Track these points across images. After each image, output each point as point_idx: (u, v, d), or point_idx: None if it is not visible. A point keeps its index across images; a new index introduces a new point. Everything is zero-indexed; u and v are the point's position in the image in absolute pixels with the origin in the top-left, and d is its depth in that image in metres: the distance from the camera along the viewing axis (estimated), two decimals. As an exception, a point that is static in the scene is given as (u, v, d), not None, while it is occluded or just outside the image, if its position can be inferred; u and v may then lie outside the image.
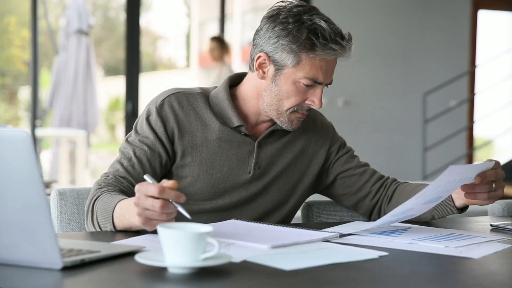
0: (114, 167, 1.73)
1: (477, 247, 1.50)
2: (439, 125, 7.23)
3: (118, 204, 1.55)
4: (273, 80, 1.75)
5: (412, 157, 7.15)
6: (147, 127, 1.76)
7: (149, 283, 1.17)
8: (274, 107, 1.77)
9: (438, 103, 7.29)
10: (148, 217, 1.38)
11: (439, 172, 6.88)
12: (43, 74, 7.41)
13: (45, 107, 7.52)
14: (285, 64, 1.71)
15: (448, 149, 7.26)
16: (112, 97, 14.62)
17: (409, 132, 7.30)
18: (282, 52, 1.71)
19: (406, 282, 1.22)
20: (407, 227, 1.73)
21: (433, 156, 7.11)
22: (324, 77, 1.72)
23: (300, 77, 1.71)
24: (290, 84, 1.73)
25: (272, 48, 1.72)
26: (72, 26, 7.15)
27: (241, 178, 1.79)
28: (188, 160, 1.76)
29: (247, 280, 1.20)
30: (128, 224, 1.52)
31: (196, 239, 1.20)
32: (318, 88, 1.73)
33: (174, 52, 17.75)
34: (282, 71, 1.73)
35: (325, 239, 1.53)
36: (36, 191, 1.14)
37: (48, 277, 1.15)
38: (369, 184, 1.89)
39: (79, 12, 7.24)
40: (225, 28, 7.31)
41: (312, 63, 1.70)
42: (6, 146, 1.13)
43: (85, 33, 7.23)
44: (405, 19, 7.32)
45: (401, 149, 7.17)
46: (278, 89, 1.75)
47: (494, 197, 1.69)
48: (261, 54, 1.75)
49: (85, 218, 1.65)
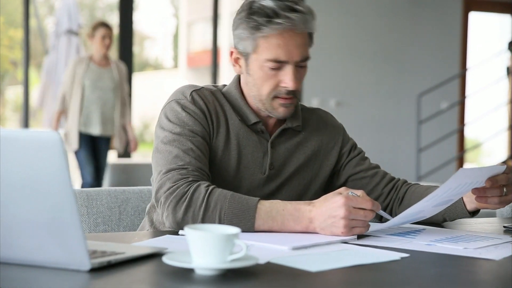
0: (183, 160, 1.65)
1: (495, 249, 1.50)
2: (433, 126, 7.27)
3: (260, 206, 1.57)
4: (247, 71, 1.77)
5: (406, 158, 7.19)
6: (189, 118, 1.72)
7: (176, 284, 1.16)
8: (257, 97, 1.77)
9: (433, 105, 7.34)
10: (353, 226, 1.55)
11: (433, 174, 6.93)
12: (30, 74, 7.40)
13: (35, 107, 7.48)
14: (248, 51, 1.73)
15: (441, 150, 7.30)
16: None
17: (403, 133, 7.34)
18: (241, 40, 1.73)
19: (434, 283, 1.23)
20: (421, 229, 1.73)
21: (427, 157, 7.15)
22: (286, 54, 1.70)
23: (263, 61, 1.72)
24: (258, 70, 1.74)
25: (236, 40, 1.75)
26: (62, 26, 7.11)
27: (256, 178, 1.78)
28: (219, 155, 1.75)
29: (275, 281, 1.19)
30: (279, 228, 1.58)
31: (224, 240, 1.19)
32: (286, 67, 1.72)
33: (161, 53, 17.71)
34: (248, 60, 1.75)
35: (344, 241, 1.53)
36: (65, 193, 1.13)
37: (76, 279, 1.15)
38: (380, 186, 1.89)
39: (69, 12, 7.20)
40: (217, 29, 7.27)
41: (268, 43, 1.70)
42: (37, 148, 1.12)
43: (75, 33, 7.19)
44: (398, 21, 7.36)
45: (395, 150, 7.20)
46: (252, 79, 1.76)
47: (505, 202, 1.70)
48: (232, 50, 1.77)
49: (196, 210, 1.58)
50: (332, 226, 1.55)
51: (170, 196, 1.59)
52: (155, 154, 1.71)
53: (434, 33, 7.52)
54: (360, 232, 1.57)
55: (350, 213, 1.53)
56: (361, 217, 1.54)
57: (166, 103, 1.77)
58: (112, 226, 1.97)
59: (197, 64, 15.61)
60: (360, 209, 1.54)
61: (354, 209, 1.54)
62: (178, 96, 1.76)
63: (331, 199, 1.56)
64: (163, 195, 1.61)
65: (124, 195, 2.02)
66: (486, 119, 7.76)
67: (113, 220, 1.98)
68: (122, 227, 1.98)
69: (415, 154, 7.07)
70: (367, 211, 1.55)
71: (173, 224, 1.60)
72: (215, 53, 7.24)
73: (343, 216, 1.53)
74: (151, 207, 1.82)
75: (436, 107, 7.39)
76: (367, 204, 1.55)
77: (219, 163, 1.75)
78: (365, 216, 1.55)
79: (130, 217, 2.00)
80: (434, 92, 7.24)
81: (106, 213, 1.98)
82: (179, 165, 1.64)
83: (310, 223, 1.57)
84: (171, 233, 1.59)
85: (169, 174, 1.63)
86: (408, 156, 7.21)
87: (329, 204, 1.55)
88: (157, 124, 1.76)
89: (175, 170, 1.63)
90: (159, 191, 1.63)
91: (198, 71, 15.52)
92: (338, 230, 1.54)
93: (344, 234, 1.54)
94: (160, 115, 1.77)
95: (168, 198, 1.59)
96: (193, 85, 1.79)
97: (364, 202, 1.55)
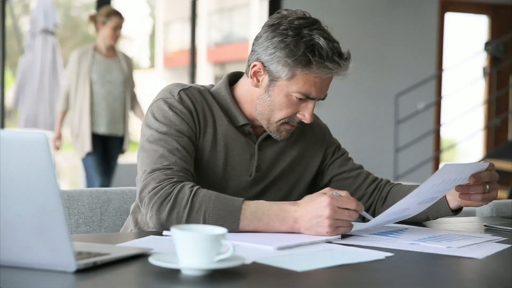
0: (169, 160, 1.64)
1: (478, 248, 1.52)
2: (411, 126, 7.32)
3: (245, 207, 1.57)
4: (266, 90, 1.74)
5: (384, 157, 7.23)
6: (176, 117, 1.71)
7: (163, 285, 1.16)
8: (265, 116, 1.76)
9: (410, 105, 7.39)
10: (338, 226, 1.56)
11: (410, 173, 6.98)
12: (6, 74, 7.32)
13: (10, 107, 7.41)
14: (279, 76, 1.70)
15: (418, 150, 7.35)
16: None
17: (381, 133, 7.38)
18: (278, 64, 1.69)
19: (419, 282, 1.24)
20: (404, 228, 1.74)
21: (405, 157, 7.20)
22: (318, 93, 1.71)
23: (293, 91, 1.70)
24: (283, 97, 1.72)
25: (268, 58, 1.71)
26: (38, 25, 7.05)
27: (243, 179, 1.78)
28: (206, 156, 1.75)
29: (262, 281, 1.20)
30: (264, 229, 1.58)
31: (211, 240, 1.19)
32: (310, 102, 1.73)
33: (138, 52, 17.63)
34: (276, 82, 1.72)
35: (328, 240, 1.54)
36: (51, 194, 1.12)
37: (62, 280, 1.14)
38: (363, 186, 1.90)
39: (45, 11, 7.14)
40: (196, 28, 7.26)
41: (306, 79, 1.69)
42: (23, 149, 1.11)
43: (51, 32, 7.13)
44: (375, 22, 7.40)
45: (373, 150, 7.24)
46: (270, 100, 1.74)
47: (488, 199, 1.71)
48: (256, 63, 1.73)
49: (181, 211, 1.56)
50: (317, 226, 1.55)
51: (155, 196, 1.59)
52: (140, 152, 1.70)
53: (411, 34, 7.57)
54: (345, 232, 1.58)
55: (335, 213, 1.54)
56: (345, 217, 1.55)
57: (153, 102, 1.76)
58: (93, 227, 1.96)
59: (174, 64, 15.57)
60: (344, 209, 1.55)
61: (338, 209, 1.55)
62: (165, 94, 1.75)
63: (316, 199, 1.57)
64: (147, 195, 1.60)
65: (106, 195, 2.01)
66: (462, 120, 7.83)
67: (95, 221, 1.97)
68: (104, 228, 1.97)
69: (393, 154, 7.11)
70: (351, 211, 1.56)
71: (157, 225, 1.59)
72: (193, 53, 7.23)
73: (328, 216, 1.54)
74: (135, 207, 1.81)
75: (413, 107, 7.44)
76: (351, 204, 1.56)
77: (205, 164, 1.75)
78: (349, 216, 1.56)
79: (112, 217, 1.99)
80: (411, 93, 7.29)
81: (88, 214, 1.96)
82: (164, 165, 1.63)
83: (295, 223, 1.57)
84: (154, 234, 1.58)
85: (154, 174, 1.62)
86: (386, 156, 7.26)
87: (314, 204, 1.56)
88: (144, 122, 1.75)
89: (160, 170, 1.62)
90: (143, 191, 1.62)
91: (175, 71, 15.49)
92: (323, 230, 1.55)
93: (329, 234, 1.55)
94: (146, 113, 1.75)
95: (152, 199, 1.59)
96: (181, 84, 1.78)
97: (348, 202, 1.56)
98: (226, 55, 14.83)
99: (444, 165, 1.54)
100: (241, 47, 14.30)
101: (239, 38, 14.73)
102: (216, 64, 15.31)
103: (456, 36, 8.71)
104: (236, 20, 15.04)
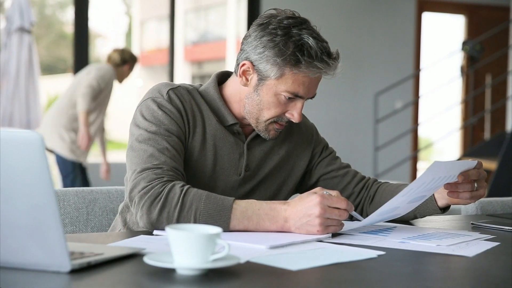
0: (158, 159, 1.63)
1: (467, 246, 1.53)
2: (390, 125, 7.36)
3: (236, 206, 1.57)
4: (255, 89, 1.74)
5: (363, 156, 7.27)
6: (165, 116, 1.70)
7: (158, 284, 1.15)
8: (254, 115, 1.76)
9: (390, 104, 7.43)
10: (328, 225, 1.56)
11: (389, 172, 7.02)
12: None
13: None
14: (268, 75, 1.71)
15: (397, 149, 7.40)
16: (51, 96, 14.35)
17: (361, 132, 7.42)
18: (267, 63, 1.70)
19: (412, 280, 1.25)
20: (392, 227, 1.75)
21: (384, 155, 7.24)
22: (306, 92, 1.72)
23: (281, 90, 1.71)
24: (272, 96, 1.72)
25: (257, 57, 1.71)
26: (13, 24, 6.98)
27: (232, 179, 1.78)
28: (195, 155, 1.74)
29: (257, 280, 1.20)
30: (254, 228, 1.58)
31: (206, 240, 1.19)
32: (299, 102, 1.73)
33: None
34: (265, 81, 1.72)
35: (319, 239, 1.54)
36: (46, 194, 1.11)
37: (57, 281, 1.13)
38: (351, 186, 1.91)
39: (20, 9, 7.07)
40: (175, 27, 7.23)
41: (295, 78, 1.69)
42: (18, 148, 1.09)
43: (27, 31, 7.06)
44: (353, 21, 7.44)
45: (353, 148, 7.27)
46: (259, 99, 1.74)
47: (476, 197, 1.72)
48: (245, 62, 1.73)
49: (171, 210, 1.56)
50: (307, 225, 1.56)
51: (145, 196, 1.58)
52: (129, 152, 1.69)
53: (389, 33, 7.62)
54: (335, 231, 1.58)
55: (325, 211, 1.54)
56: (335, 216, 1.56)
57: (142, 101, 1.75)
58: (79, 227, 1.95)
59: (150, 62, 15.51)
60: (335, 209, 1.56)
61: (329, 208, 1.55)
62: (154, 94, 1.74)
63: (306, 198, 1.57)
64: (137, 194, 1.59)
65: (92, 195, 2.00)
66: (439, 119, 7.89)
67: (81, 220, 1.95)
68: (90, 228, 1.96)
69: (372, 153, 7.15)
70: (341, 211, 1.56)
71: (148, 225, 1.58)
72: (172, 51, 7.20)
73: (318, 215, 1.54)
74: (124, 207, 1.80)
75: (392, 106, 7.49)
76: (341, 204, 1.56)
77: (195, 163, 1.74)
78: (339, 215, 1.56)
79: (98, 217, 1.98)
80: (390, 92, 7.33)
81: (74, 214, 1.95)
82: (154, 165, 1.63)
83: (285, 222, 1.57)
84: (145, 233, 1.57)
85: (144, 173, 1.61)
86: (366, 154, 7.29)
87: (304, 203, 1.56)
88: (132, 122, 1.74)
89: (150, 169, 1.62)
90: (133, 190, 1.61)
91: (152, 70, 15.43)
92: (313, 228, 1.55)
93: (319, 233, 1.55)
94: (135, 112, 1.74)
95: (143, 198, 1.58)
96: (170, 83, 1.78)
97: (338, 201, 1.56)
98: (203, 54, 14.81)
99: (434, 162, 1.55)
100: (218, 46, 14.29)
101: (216, 37, 14.71)
102: (194, 62, 15.27)
103: (433, 35, 8.78)
104: (213, 18, 15.02)
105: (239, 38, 12.56)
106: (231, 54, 13.11)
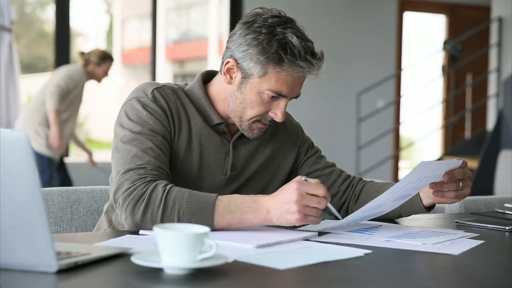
0: (142, 159, 1.63)
1: (452, 244, 1.54)
2: (372, 125, 7.39)
3: (218, 202, 1.55)
4: (239, 87, 1.74)
5: (346, 155, 7.29)
6: (150, 116, 1.69)
7: (146, 284, 1.15)
8: (237, 113, 1.76)
9: (372, 103, 7.46)
10: (306, 214, 1.52)
11: (372, 171, 7.05)
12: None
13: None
14: (251, 73, 1.70)
15: (379, 148, 7.43)
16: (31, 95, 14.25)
17: (344, 131, 7.44)
18: (250, 61, 1.69)
19: (400, 278, 1.25)
20: (378, 225, 1.76)
21: (366, 154, 7.26)
22: (289, 91, 1.72)
23: (264, 89, 1.70)
24: (255, 94, 1.72)
25: (241, 55, 1.71)
26: (-6, 22, 6.91)
27: (217, 178, 1.78)
28: (181, 155, 1.73)
29: (245, 279, 1.20)
30: (238, 222, 1.56)
31: (194, 239, 1.19)
32: (282, 101, 1.73)
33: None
34: (248, 79, 1.72)
35: (305, 238, 1.54)
36: (33, 193, 1.10)
37: (44, 281, 1.12)
38: (336, 184, 1.91)
39: (0, 8, 7.00)
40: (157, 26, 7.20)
41: (278, 76, 1.69)
42: (4, 147, 1.08)
43: (7, 29, 7.00)
44: (335, 21, 7.46)
45: (335, 147, 7.29)
46: (243, 97, 1.74)
47: (461, 196, 1.73)
48: (230, 60, 1.73)
49: (155, 211, 1.55)
50: (286, 213, 1.53)
51: (128, 197, 1.57)
52: (114, 153, 1.68)
53: (371, 33, 7.65)
54: (314, 221, 1.54)
55: (303, 198, 1.51)
56: (314, 203, 1.52)
57: (126, 101, 1.74)
58: (64, 227, 1.93)
59: (132, 61, 15.44)
60: (313, 196, 1.52)
61: (307, 194, 1.52)
62: (139, 93, 1.73)
63: (285, 186, 1.55)
64: (121, 196, 1.58)
65: (76, 195, 1.98)
66: (421, 118, 7.94)
67: (65, 220, 1.94)
68: (74, 228, 1.95)
69: (355, 152, 7.18)
70: (320, 198, 1.52)
71: (132, 226, 1.57)
72: (154, 50, 7.17)
73: (295, 200, 1.51)
74: (109, 207, 1.79)
75: (374, 106, 7.52)
76: (320, 191, 1.52)
77: (181, 163, 1.73)
78: (318, 202, 1.52)
79: (82, 217, 1.97)
80: (372, 91, 7.36)
81: (58, 214, 1.93)
82: (138, 165, 1.62)
83: (268, 213, 1.55)
84: (131, 233, 1.57)
85: (127, 174, 1.60)
86: (348, 153, 7.32)
87: (283, 191, 1.55)
88: (117, 122, 1.73)
89: (133, 170, 1.61)
90: (117, 192, 1.60)
91: (133, 69, 15.36)
92: (292, 216, 1.52)
93: (298, 221, 1.52)
94: (120, 112, 1.73)
95: (126, 200, 1.57)
96: (155, 83, 1.77)
97: (317, 188, 1.52)
98: (184, 53, 14.76)
99: (421, 163, 1.56)
100: (199, 45, 14.25)
101: (197, 35, 14.67)
102: (175, 61, 15.23)
103: (414, 35, 8.83)
104: (194, 17, 14.98)
105: (221, 37, 12.55)
106: (213, 53, 13.09)
